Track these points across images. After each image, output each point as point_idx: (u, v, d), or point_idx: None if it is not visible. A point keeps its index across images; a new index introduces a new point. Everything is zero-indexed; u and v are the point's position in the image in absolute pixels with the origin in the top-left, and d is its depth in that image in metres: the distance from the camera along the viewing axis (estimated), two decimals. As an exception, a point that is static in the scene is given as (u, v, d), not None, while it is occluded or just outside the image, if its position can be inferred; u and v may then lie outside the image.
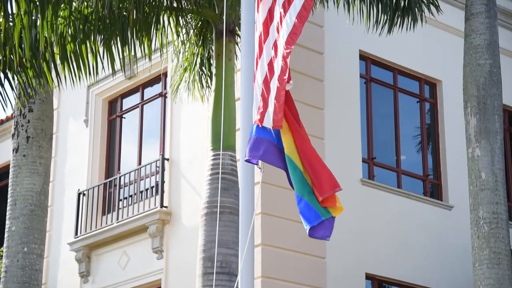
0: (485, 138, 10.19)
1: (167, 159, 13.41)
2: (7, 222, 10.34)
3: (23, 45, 9.30)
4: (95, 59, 10.08)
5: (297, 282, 11.91)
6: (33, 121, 10.67)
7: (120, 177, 14.11)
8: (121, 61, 10.09)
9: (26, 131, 10.64)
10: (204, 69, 11.13)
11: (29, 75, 9.67)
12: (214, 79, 10.03)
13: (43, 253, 10.42)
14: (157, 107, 14.33)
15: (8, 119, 17.05)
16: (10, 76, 9.72)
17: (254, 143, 5.47)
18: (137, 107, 14.60)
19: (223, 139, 9.41)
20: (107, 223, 13.89)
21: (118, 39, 9.98)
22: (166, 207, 13.15)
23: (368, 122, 13.51)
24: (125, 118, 14.84)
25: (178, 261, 12.78)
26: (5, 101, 9.76)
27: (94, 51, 10.03)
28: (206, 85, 11.25)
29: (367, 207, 12.86)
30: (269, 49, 5.59)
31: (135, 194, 13.77)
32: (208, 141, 9.92)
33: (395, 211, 13.15)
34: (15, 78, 9.75)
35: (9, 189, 10.52)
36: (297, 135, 5.73)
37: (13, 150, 10.68)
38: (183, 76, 11.40)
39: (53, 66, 9.85)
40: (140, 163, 14.18)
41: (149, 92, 14.51)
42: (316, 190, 5.57)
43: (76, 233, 14.21)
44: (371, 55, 13.63)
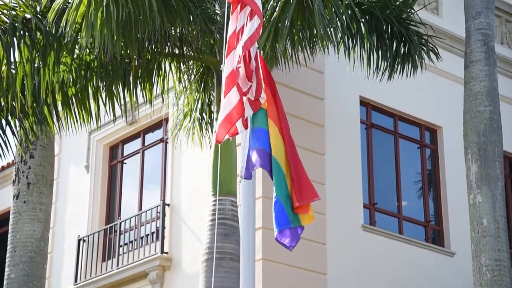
0: (486, 184, 10.21)
1: (168, 205, 13.40)
2: (6, 269, 10.31)
3: (25, 92, 9.39)
4: (97, 105, 10.17)
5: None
6: (34, 167, 10.71)
7: (120, 223, 14.10)
8: (122, 107, 10.16)
9: (27, 177, 10.68)
10: (204, 115, 11.19)
11: (31, 121, 9.74)
12: (215, 124, 10.08)
13: (43, 301, 10.38)
14: (158, 152, 14.37)
15: (9, 165, 17.09)
16: (12, 122, 9.80)
17: (248, 160, 5.77)
18: (138, 152, 14.63)
19: (224, 184, 9.42)
20: (107, 270, 13.83)
21: (119, 85, 10.07)
22: (166, 253, 13.10)
23: (369, 167, 13.53)
24: (126, 163, 14.87)
25: (178, 308, 12.70)
26: (7, 148, 9.82)
27: (95, 97, 10.11)
28: (206, 131, 11.31)
29: (369, 253, 12.81)
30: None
31: (136, 240, 13.74)
32: (208, 187, 9.93)
33: (397, 258, 13.09)
34: (17, 124, 9.82)
35: (9, 235, 10.52)
36: (288, 140, 6.00)
37: (14, 196, 10.70)
38: (183, 121, 11.46)
39: (54, 112, 9.93)
40: (140, 208, 14.17)
41: (150, 137, 14.56)
42: (294, 195, 5.81)
43: (75, 280, 14.14)
44: (372, 101, 13.70)
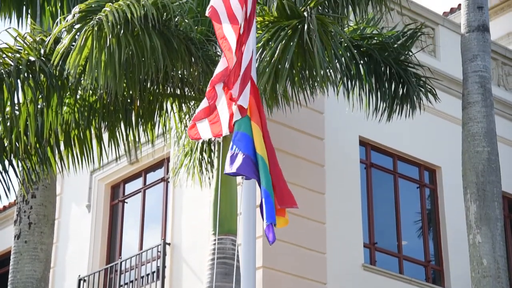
0: (485, 224, 10.22)
1: (169, 244, 13.40)
2: (7, 310, 10.30)
3: (28, 133, 9.46)
4: (99, 145, 10.23)
5: None
6: (36, 207, 10.74)
7: (121, 263, 14.07)
8: (124, 147, 10.23)
9: (28, 217, 10.70)
10: (204, 154, 11.24)
11: (34, 161, 9.80)
12: (215, 164, 10.13)
13: None
14: (159, 191, 14.40)
15: (10, 205, 17.12)
16: (14, 162, 9.85)
17: (231, 157, 6.02)
18: (139, 192, 14.67)
19: (224, 223, 9.43)
20: (107, 309, 13.79)
21: (121, 125, 10.15)
22: (167, 292, 13.07)
23: (369, 207, 13.54)
24: (127, 203, 14.89)
25: None
26: (9, 188, 9.86)
27: (98, 137, 10.18)
28: (206, 170, 11.36)
29: (369, 293, 12.79)
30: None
31: (136, 279, 13.70)
32: (209, 226, 9.95)
33: (398, 297, 13.07)
34: (19, 164, 9.87)
35: (10, 276, 10.50)
36: (269, 147, 6.19)
37: (15, 236, 10.71)
38: (183, 161, 11.52)
39: (57, 152, 9.99)
40: (141, 248, 14.15)
41: (151, 177, 14.61)
42: (276, 197, 6.01)
43: (76, 319, 14.09)
44: (371, 141, 13.77)
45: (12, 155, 9.72)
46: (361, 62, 10.92)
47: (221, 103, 6.24)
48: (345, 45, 10.08)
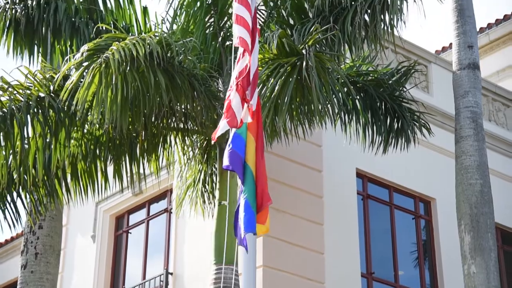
0: (480, 255, 10.23)
1: (171, 273, 13.39)
2: None
3: (36, 166, 9.53)
4: (104, 177, 10.29)
5: None
6: (42, 237, 10.77)
7: (124, 292, 14.06)
8: (129, 178, 10.29)
9: (35, 248, 10.71)
10: (207, 186, 11.29)
11: (41, 193, 9.86)
12: (217, 195, 10.18)
13: None
14: (162, 222, 14.41)
15: (18, 236, 17.11)
16: (22, 194, 9.90)
17: (230, 155, 6.45)
18: (143, 222, 14.68)
19: (226, 253, 9.44)
20: (111, 338, 13.74)
21: (126, 158, 10.22)
22: (169, 321, 13.04)
23: (366, 237, 13.55)
24: (131, 233, 14.91)
25: None
26: (17, 219, 9.90)
27: (103, 170, 10.25)
28: (208, 201, 11.40)
29: (366, 322, 12.76)
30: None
31: (139, 308, 13.68)
32: (211, 255, 9.98)
33: (394, 326, 13.03)
34: (27, 196, 9.93)
35: (16, 306, 10.50)
36: (258, 153, 6.52)
37: (22, 266, 10.71)
38: (186, 192, 11.56)
39: (64, 184, 10.06)
40: (144, 277, 14.14)
41: (155, 208, 14.63)
42: (257, 200, 6.33)
43: None
44: (368, 173, 13.81)
45: (20, 187, 9.78)
46: (357, 97, 11.02)
47: (235, 101, 6.56)
48: (342, 81, 10.17)
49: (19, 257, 11.00)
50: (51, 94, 9.57)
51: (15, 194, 9.95)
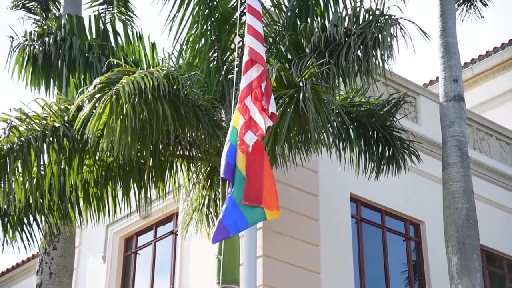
0: (466, 275, 10.18)
1: (177, 292, 13.32)
2: None
3: (52, 191, 9.52)
4: (114, 202, 10.26)
5: None
6: (57, 258, 10.73)
7: (133, 310, 13.95)
8: (137, 202, 10.26)
9: (49, 268, 10.67)
10: (211, 209, 11.26)
11: (56, 216, 9.84)
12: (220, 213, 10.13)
13: None
14: (168, 244, 14.35)
15: (34, 257, 17.05)
16: (38, 218, 9.88)
17: (225, 166, 6.63)
18: (151, 244, 14.62)
19: (228, 273, 9.39)
20: None
21: (135, 183, 10.20)
22: (175, 337, 12.92)
23: (360, 258, 13.48)
24: (139, 254, 14.84)
25: None
26: (33, 241, 9.87)
27: (113, 194, 10.23)
28: (212, 224, 11.35)
29: (360, 338, 12.64)
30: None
31: (147, 325, 13.57)
32: (214, 275, 9.92)
33: None
34: (43, 219, 9.90)
35: (31, 322, 10.43)
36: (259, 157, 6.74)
37: (37, 285, 10.66)
38: (192, 215, 11.52)
39: (76, 208, 10.04)
40: (151, 296, 14.07)
41: (162, 230, 14.58)
42: (245, 192, 6.54)
43: None
44: (361, 198, 13.77)
45: (36, 211, 9.76)
46: (351, 126, 11.02)
47: (253, 112, 6.69)
48: (337, 111, 10.18)
49: (35, 276, 10.95)
50: (66, 124, 9.58)
51: (31, 217, 9.93)
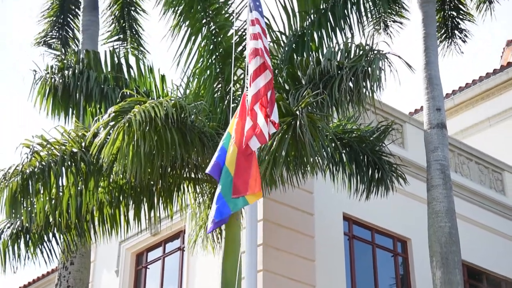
0: (449, 288, 10.12)
1: (184, 304, 13.21)
2: None
3: (69, 210, 9.48)
4: (127, 220, 10.22)
5: None
6: (73, 272, 10.68)
7: (143, 320, 13.82)
8: (147, 221, 10.21)
9: (67, 281, 10.61)
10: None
11: (73, 234, 9.79)
12: (224, 235, 10.08)
13: None
14: (176, 259, 14.27)
15: (53, 271, 16.93)
16: (57, 235, 9.84)
17: (213, 165, 6.75)
18: (160, 259, 14.54)
19: (231, 286, 9.33)
20: None
21: (146, 203, 10.15)
22: None
23: (352, 271, 13.39)
24: (149, 268, 14.75)
25: None
26: (52, 256, 9.82)
27: (126, 214, 10.18)
28: (216, 241, 11.29)
29: None
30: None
31: (156, 334, 13.43)
32: (218, 288, 9.84)
33: None
34: (61, 237, 9.86)
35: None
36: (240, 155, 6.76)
37: (56, 297, 10.59)
38: (198, 233, 11.46)
39: (92, 226, 9.99)
40: (161, 307, 13.95)
41: (170, 246, 14.50)
42: (233, 187, 6.56)
43: None
44: (353, 217, 13.72)
45: (55, 228, 9.72)
46: (344, 151, 11.01)
47: (259, 118, 6.74)
48: (330, 137, 10.16)
49: (53, 289, 10.89)
50: (83, 149, 9.56)
51: (51, 234, 9.90)
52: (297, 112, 9.00)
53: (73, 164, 9.52)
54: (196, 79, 10.60)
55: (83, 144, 9.60)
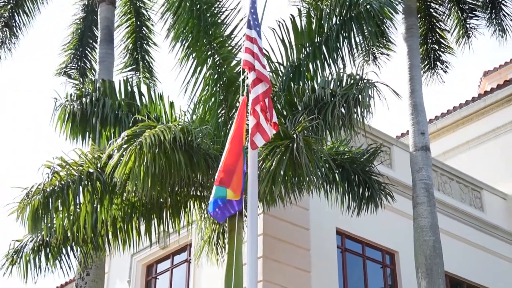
0: (434, 296, 10.04)
1: (190, 312, 13.09)
2: None
3: (86, 226, 9.45)
4: (138, 234, 10.17)
5: None
6: (89, 282, 10.61)
7: (153, 327, 13.69)
8: (157, 235, 10.17)
9: (83, 291, 10.53)
10: (219, 241, 11.15)
11: (89, 247, 9.75)
12: (227, 248, 10.03)
13: None
14: (183, 270, 14.18)
15: (71, 281, 16.81)
16: (74, 248, 9.80)
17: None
18: (168, 270, 14.45)
19: (233, 294, 9.24)
20: None
21: (155, 219, 10.12)
22: None
23: (344, 282, 13.30)
24: (158, 279, 14.65)
25: None
26: (70, 268, 9.76)
27: (137, 228, 10.14)
28: (220, 254, 11.23)
29: None
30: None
31: None
32: (222, 297, 9.76)
33: None
34: (78, 250, 9.82)
35: None
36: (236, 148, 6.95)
37: (73, 306, 10.50)
38: (203, 246, 11.40)
39: (107, 240, 9.95)
40: (168, 315, 13.83)
41: (178, 259, 14.42)
42: (217, 175, 6.75)
43: None
44: (345, 231, 13.66)
45: (73, 242, 9.69)
46: (337, 171, 10.99)
47: (262, 119, 6.96)
48: (324, 159, 10.15)
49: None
50: (98, 169, 9.56)
51: (69, 248, 9.86)
52: (294, 135, 9.01)
53: (90, 183, 9.51)
54: (201, 105, 10.61)
55: (99, 165, 9.59)
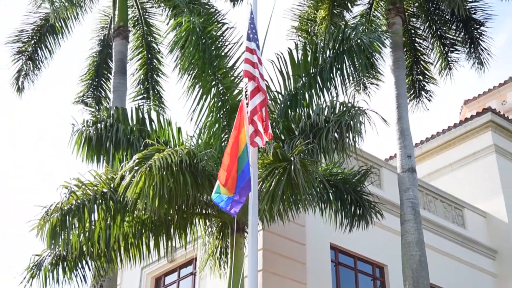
0: (420, 307, 9.92)
1: (196, 321, 12.92)
2: None
3: (99, 241, 9.38)
4: (148, 249, 10.09)
5: None
6: (103, 294, 10.48)
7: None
8: (165, 250, 10.09)
9: (97, 301, 10.41)
10: (222, 256, 11.06)
11: (102, 261, 9.68)
12: (229, 262, 9.95)
13: None
14: (189, 282, 14.05)
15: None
16: (89, 262, 9.73)
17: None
18: (175, 283, 14.31)
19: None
20: None
21: (164, 235, 10.05)
22: None
23: (338, 293, 13.18)
24: (166, 290, 14.53)
25: None
26: (85, 280, 9.68)
27: (147, 244, 10.07)
28: (223, 268, 11.13)
29: None
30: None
31: None
32: (225, 306, 9.65)
33: None
34: (92, 263, 9.75)
35: None
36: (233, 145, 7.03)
37: (86, 315, 10.37)
38: (207, 260, 11.31)
39: (119, 255, 9.87)
40: (173, 326, 13.64)
41: (184, 271, 14.29)
42: (219, 175, 6.86)
43: None
44: (339, 246, 13.55)
45: (88, 256, 9.62)
46: (331, 191, 10.95)
47: (259, 127, 7.11)
48: (319, 180, 10.12)
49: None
50: (112, 189, 9.54)
51: (84, 262, 9.80)
52: (292, 158, 8.99)
53: (104, 202, 9.48)
54: (206, 130, 10.61)
55: (112, 185, 9.57)
